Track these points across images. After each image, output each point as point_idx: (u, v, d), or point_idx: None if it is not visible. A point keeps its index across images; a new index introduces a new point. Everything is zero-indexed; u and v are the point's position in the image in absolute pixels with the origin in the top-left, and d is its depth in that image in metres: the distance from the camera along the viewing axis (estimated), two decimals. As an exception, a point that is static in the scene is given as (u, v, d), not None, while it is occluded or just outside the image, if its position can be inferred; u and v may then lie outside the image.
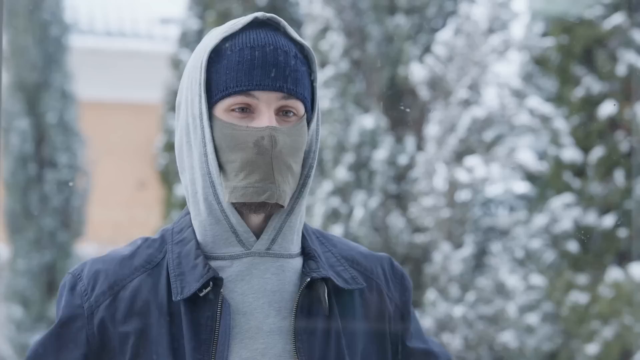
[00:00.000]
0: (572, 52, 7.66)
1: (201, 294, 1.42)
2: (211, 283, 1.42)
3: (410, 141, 9.43)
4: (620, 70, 7.35)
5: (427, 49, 8.88)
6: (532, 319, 7.39)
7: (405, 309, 1.57)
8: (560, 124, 7.54)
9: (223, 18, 10.93)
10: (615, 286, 7.80)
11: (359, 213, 9.42)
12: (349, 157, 9.61)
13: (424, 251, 8.66)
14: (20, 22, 10.84)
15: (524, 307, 7.28)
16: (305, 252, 1.50)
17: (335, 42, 9.63)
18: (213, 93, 1.45)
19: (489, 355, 9.10)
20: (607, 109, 7.35)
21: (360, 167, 9.66)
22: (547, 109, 7.61)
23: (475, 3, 8.08)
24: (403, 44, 9.47)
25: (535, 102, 7.69)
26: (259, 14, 1.50)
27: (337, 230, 9.43)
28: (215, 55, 1.46)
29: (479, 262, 7.70)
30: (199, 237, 1.47)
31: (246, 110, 1.44)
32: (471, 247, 7.69)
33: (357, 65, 9.76)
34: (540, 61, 8.12)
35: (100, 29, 14.26)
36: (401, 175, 9.48)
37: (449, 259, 7.75)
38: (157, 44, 13.85)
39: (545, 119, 7.60)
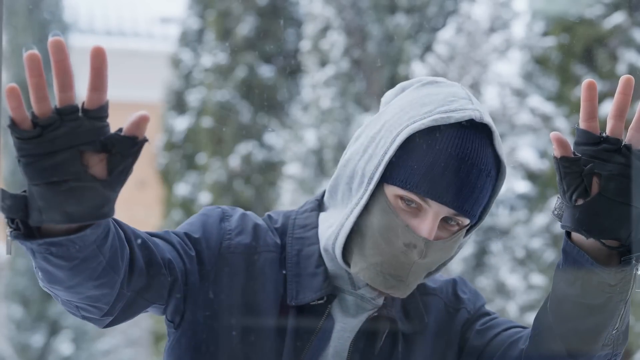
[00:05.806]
0: (572, 52, 7.66)
1: (312, 303, 1.39)
2: (325, 297, 1.39)
3: (410, 140, 9.44)
4: (621, 69, 7.34)
5: (427, 48, 8.87)
6: (533, 318, 7.39)
7: (481, 313, 1.53)
8: (561, 123, 7.53)
9: (223, 17, 10.92)
10: (616, 286, 7.79)
11: (359, 212, 9.42)
12: (349, 157, 9.61)
13: (425, 251, 8.66)
14: (20, 21, 10.84)
15: (524, 307, 7.27)
16: None
17: (335, 41, 9.62)
18: (392, 172, 1.34)
19: (490, 355, 9.11)
20: (608, 108, 7.32)
21: (361, 166, 9.66)
22: (547, 108, 7.60)
23: (476, 2, 8.07)
24: (403, 43, 9.46)
25: (536, 101, 7.69)
26: (476, 116, 1.34)
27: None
28: (413, 136, 1.34)
29: (479, 261, 7.68)
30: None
31: (413, 204, 1.34)
32: (471, 247, 7.68)
33: (357, 64, 9.75)
34: (540, 60, 8.11)
35: (100, 28, 14.26)
36: (401, 174, 9.48)
37: (450, 258, 7.75)
38: (157, 44, 13.85)
39: (546, 118, 7.59)
